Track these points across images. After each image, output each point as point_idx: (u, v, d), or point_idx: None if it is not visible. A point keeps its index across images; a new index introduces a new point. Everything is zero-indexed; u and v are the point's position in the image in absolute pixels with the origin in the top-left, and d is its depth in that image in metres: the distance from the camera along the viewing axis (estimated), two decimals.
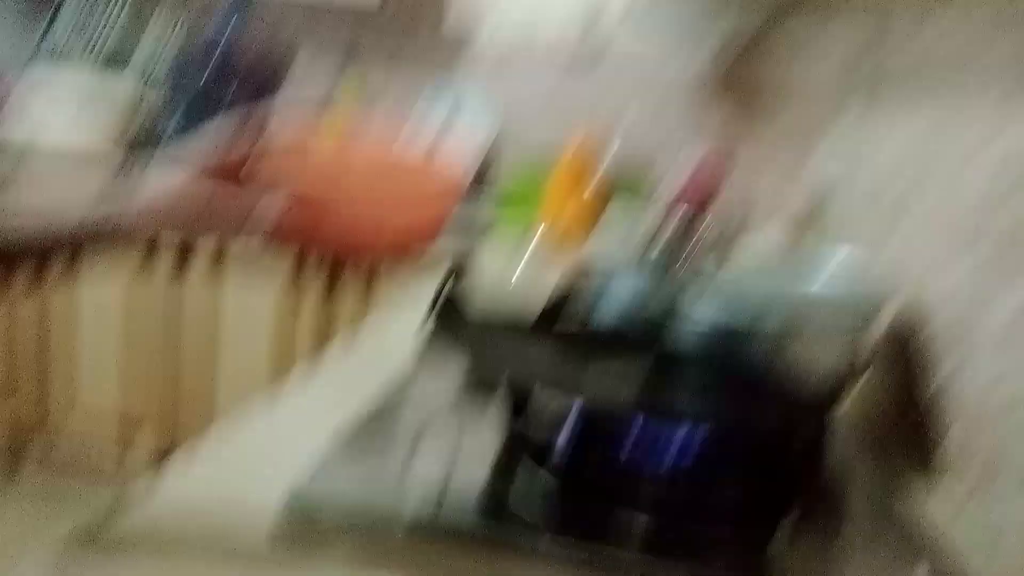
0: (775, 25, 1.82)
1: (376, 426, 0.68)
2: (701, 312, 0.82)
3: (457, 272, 0.75)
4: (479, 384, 0.70)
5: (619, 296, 1.06)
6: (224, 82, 1.86)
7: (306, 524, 0.52)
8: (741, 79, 2.19)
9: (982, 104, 0.76)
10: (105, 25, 2.09)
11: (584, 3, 2.21)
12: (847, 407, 0.92)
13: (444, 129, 2.21)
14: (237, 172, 0.52)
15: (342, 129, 0.57)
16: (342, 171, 0.55)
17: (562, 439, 0.61)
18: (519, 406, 0.63)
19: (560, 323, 0.99)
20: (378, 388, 0.75)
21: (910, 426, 0.82)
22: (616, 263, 1.17)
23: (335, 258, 0.56)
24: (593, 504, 0.57)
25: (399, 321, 1.06)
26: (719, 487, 0.61)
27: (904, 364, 0.88)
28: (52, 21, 2.10)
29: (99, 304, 2.20)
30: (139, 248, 0.54)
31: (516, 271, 1.64)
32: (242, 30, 1.90)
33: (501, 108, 2.35)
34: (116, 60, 2.16)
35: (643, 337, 0.81)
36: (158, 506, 0.53)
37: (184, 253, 2.06)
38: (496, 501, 0.58)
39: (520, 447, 0.63)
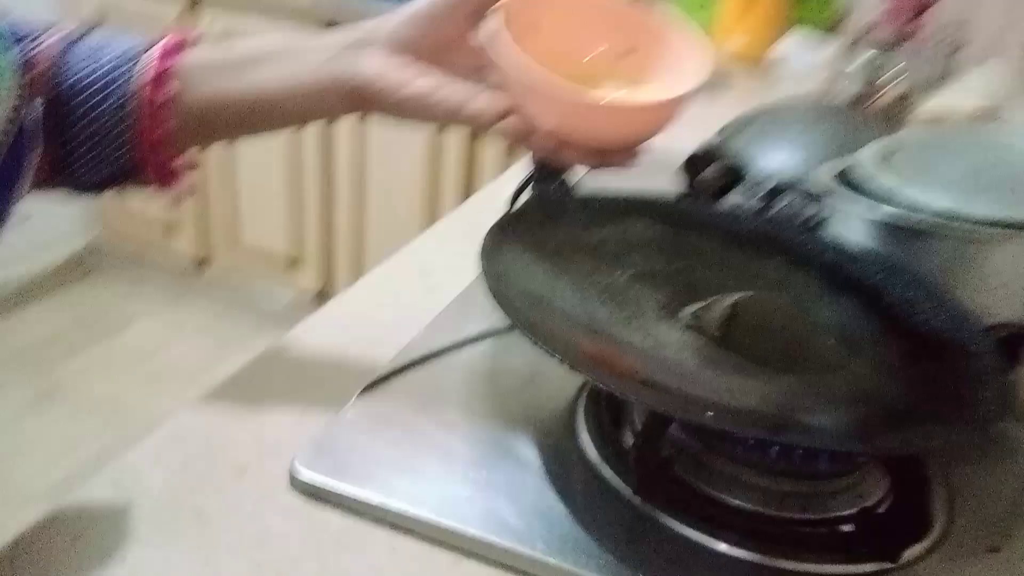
0: None
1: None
2: (882, 186, 0.62)
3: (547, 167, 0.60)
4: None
5: (782, 158, 0.87)
6: None
7: None
8: None
9: None
10: None
11: None
12: None
13: None
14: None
15: None
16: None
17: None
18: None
19: (700, 195, 0.81)
20: None
21: None
22: (789, 108, 0.95)
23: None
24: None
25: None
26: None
27: None
28: None
29: (257, 146, 2.21)
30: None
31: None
32: None
33: None
34: None
35: (797, 241, 0.63)
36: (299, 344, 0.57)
37: None
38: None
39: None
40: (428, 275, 0.70)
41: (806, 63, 1.75)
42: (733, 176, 0.83)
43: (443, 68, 0.47)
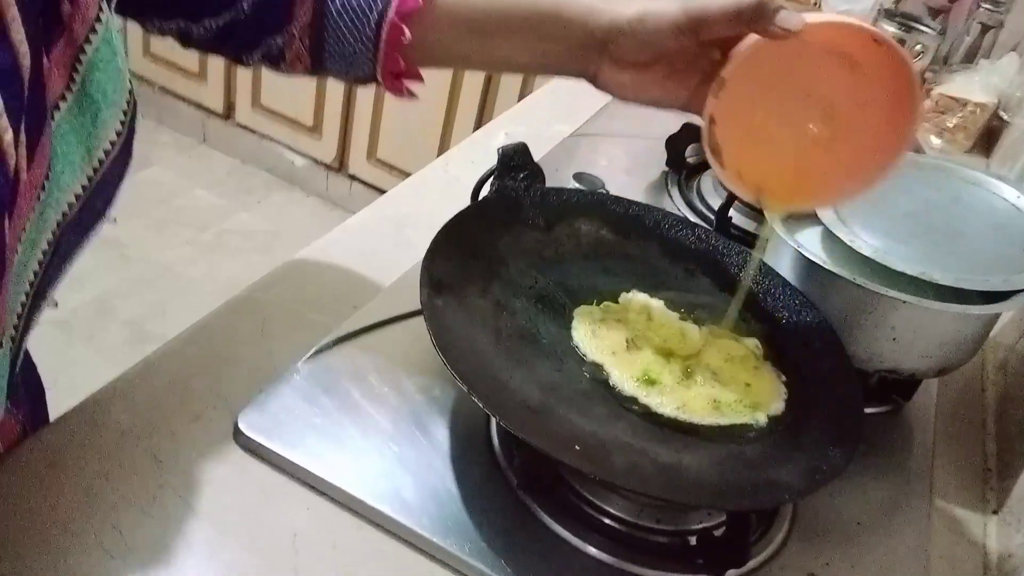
0: None
1: None
2: (824, 218, 0.67)
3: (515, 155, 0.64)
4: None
5: None
6: None
7: None
8: None
9: None
10: None
11: None
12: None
13: None
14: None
15: None
16: None
17: None
18: None
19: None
20: None
21: None
22: None
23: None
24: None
25: None
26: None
27: None
28: None
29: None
30: None
31: None
32: None
33: None
34: None
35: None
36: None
37: None
38: None
39: None
40: (401, 230, 0.76)
41: (846, 8, 1.72)
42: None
43: (666, 65, 0.53)
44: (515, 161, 0.65)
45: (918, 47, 1.30)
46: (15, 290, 0.43)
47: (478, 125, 2.10)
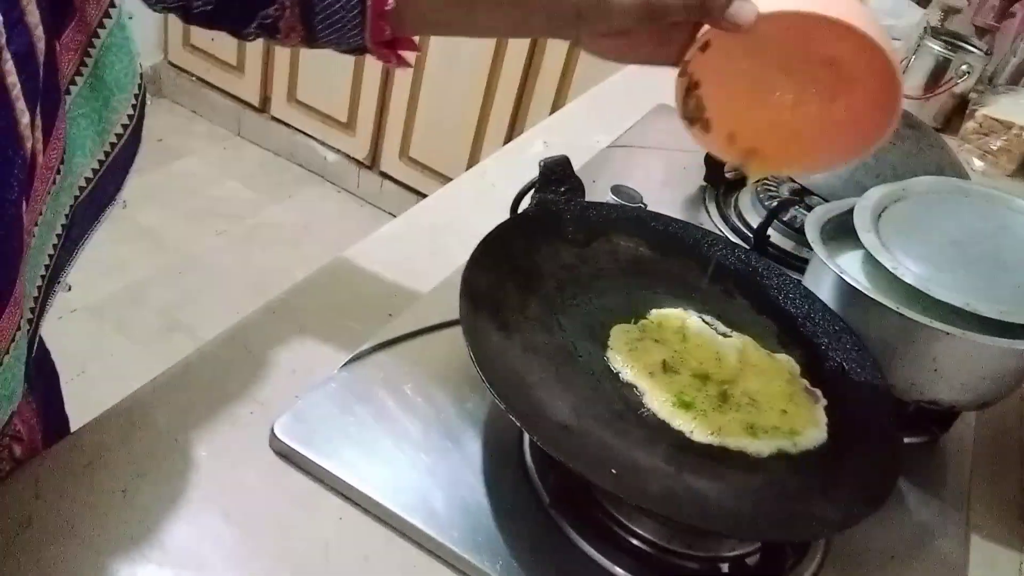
0: None
1: None
2: (867, 242, 0.66)
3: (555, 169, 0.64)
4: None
5: None
6: None
7: None
8: None
9: None
10: None
11: None
12: None
13: None
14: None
15: None
16: None
17: None
18: None
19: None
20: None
21: None
22: None
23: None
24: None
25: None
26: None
27: None
28: None
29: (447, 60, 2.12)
30: None
31: None
32: None
33: None
34: None
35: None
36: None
37: None
38: None
39: None
40: (437, 238, 0.76)
41: (890, 25, 1.70)
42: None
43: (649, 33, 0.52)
44: (556, 174, 0.65)
45: (964, 67, 1.28)
46: (32, 273, 0.44)
47: (512, 126, 2.10)
